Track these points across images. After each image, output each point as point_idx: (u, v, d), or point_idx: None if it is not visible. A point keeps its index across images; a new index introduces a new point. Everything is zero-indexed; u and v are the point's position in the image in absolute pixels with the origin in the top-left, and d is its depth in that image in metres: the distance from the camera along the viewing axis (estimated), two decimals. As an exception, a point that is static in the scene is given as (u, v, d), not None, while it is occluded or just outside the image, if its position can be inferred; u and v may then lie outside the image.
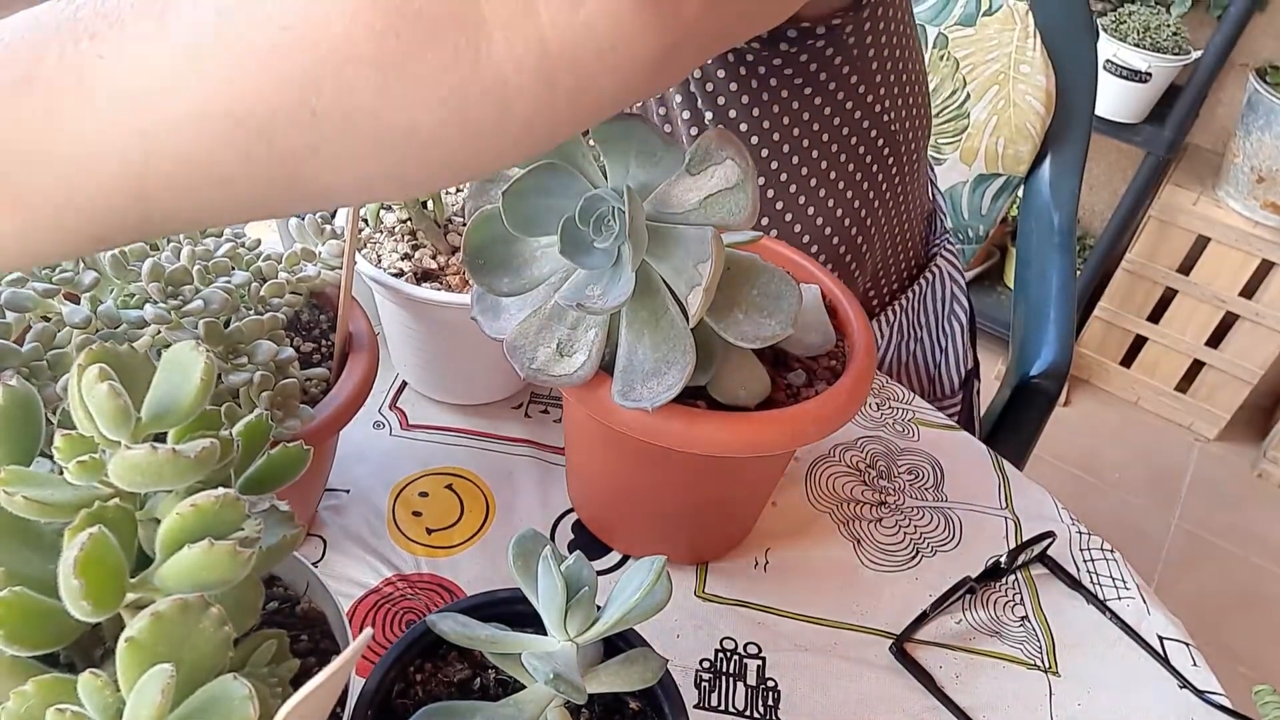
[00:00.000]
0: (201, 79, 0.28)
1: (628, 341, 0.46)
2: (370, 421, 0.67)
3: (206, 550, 0.27)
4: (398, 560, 0.58)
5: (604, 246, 0.44)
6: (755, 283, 0.47)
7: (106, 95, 0.29)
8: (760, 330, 0.46)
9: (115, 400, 0.29)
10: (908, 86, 0.79)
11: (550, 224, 0.44)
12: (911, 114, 0.80)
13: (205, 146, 0.29)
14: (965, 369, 0.98)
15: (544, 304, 0.48)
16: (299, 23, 0.27)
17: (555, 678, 0.35)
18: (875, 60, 0.73)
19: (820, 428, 0.49)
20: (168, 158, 0.29)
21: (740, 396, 0.49)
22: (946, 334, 0.96)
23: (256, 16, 0.27)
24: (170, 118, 0.29)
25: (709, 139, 0.44)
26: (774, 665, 0.56)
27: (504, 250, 0.48)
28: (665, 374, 0.45)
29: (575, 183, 0.45)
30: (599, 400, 0.47)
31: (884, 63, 0.74)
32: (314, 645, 0.39)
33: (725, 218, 0.44)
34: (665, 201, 0.45)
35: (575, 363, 0.47)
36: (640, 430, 0.47)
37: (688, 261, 0.44)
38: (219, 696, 0.27)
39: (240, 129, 0.29)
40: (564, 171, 0.45)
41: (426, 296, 0.58)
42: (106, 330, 0.44)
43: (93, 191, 0.30)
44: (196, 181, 0.30)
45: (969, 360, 0.99)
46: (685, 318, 0.44)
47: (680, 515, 0.58)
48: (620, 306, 0.44)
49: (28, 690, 0.27)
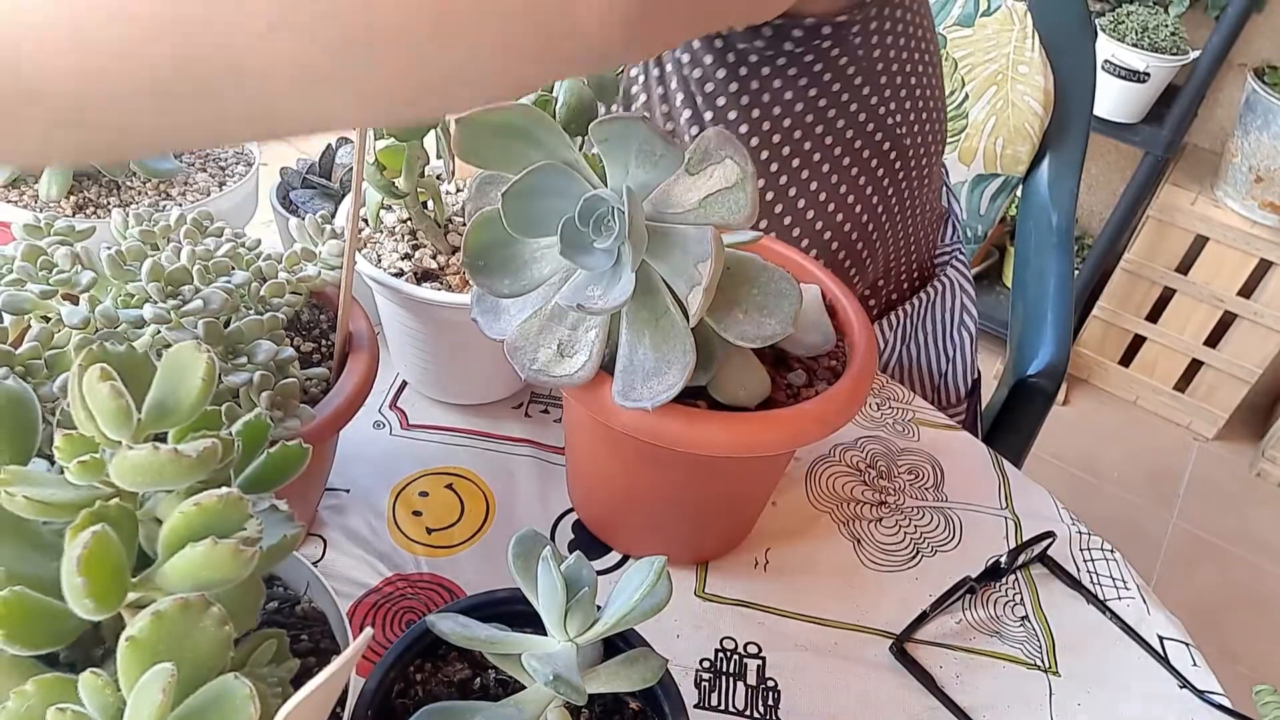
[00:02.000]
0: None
1: (628, 341, 0.46)
2: (370, 421, 0.67)
3: (209, 549, 0.27)
4: (398, 560, 0.58)
5: (604, 247, 0.44)
6: (755, 282, 0.47)
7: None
8: (761, 330, 0.46)
9: (116, 400, 0.29)
10: (920, 94, 0.77)
11: (550, 225, 0.44)
12: (923, 122, 0.79)
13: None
14: (971, 379, 0.98)
15: (544, 305, 0.48)
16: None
17: (555, 678, 0.35)
18: (882, 63, 0.72)
19: (821, 428, 0.49)
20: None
21: (740, 396, 0.49)
22: (955, 344, 0.95)
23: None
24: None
25: (708, 139, 0.44)
26: (774, 665, 0.56)
27: (504, 252, 0.48)
28: (665, 374, 0.45)
29: (574, 184, 0.45)
30: (599, 400, 0.47)
31: (891, 66, 0.73)
32: (314, 645, 0.39)
33: (725, 217, 0.44)
34: (665, 201, 0.45)
35: (576, 363, 0.47)
36: (640, 430, 0.47)
37: (687, 261, 0.44)
38: (220, 696, 0.27)
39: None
40: (563, 172, 0.44)
41: (426, 296, 0.58)
42: (105, 330, 0.44)
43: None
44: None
45: (975, 370, 0.99)
46: (685, 317, 0.44)
47: (680, 515, 0.58)
48: (620, 307, 0.44)
49: (28, 690, 0.27)
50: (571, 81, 0.61)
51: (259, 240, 0.54)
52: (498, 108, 0.45)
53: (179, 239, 0.50)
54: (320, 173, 0.77)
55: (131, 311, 0.45)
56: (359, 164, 0.48)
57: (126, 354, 0.31)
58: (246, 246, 0.52)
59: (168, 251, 0.48)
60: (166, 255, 0.47)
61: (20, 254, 0.46)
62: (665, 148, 0.43)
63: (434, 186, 0.63)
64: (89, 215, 0.63)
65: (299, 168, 0.76)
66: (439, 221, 0.63)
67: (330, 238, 0.57)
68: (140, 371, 0.31)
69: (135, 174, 0.65)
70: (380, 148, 0.59)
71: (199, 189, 0.67)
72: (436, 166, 0.68)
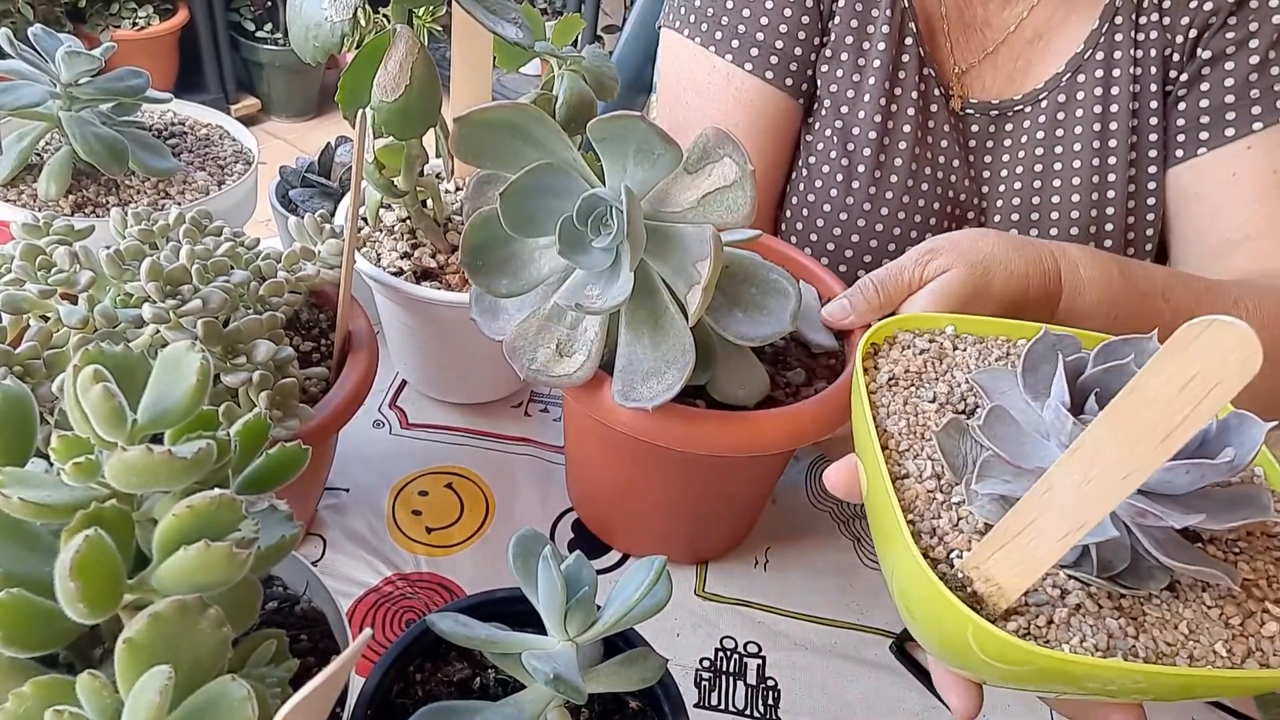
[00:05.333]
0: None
1: (627, 341, 0.46)
2: (370, 420, 0.67)
3: (203, 551, 0.27)
4: (398, 559, 0.58)
5: (602, 246, 0.44)
6: (755, 281, 0.47)
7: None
8: (760, 329, 0.46)
9: (110, 401, 0.28)
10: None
11: (548, 224, 0.44)
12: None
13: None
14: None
15: (543, 304, 0.48)
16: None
17: (555, 678, 0.35)
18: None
19: (819, 426, 0.49)
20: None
21: (739, 395, 0.49)
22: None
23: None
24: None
25: (707, 137, 0.44)
26: (774, 664, 0.56)
27: (503, 251, 0.48)
28: (665, 373, 0.45)
29: (573, 183, 0.45)
30: (598, 400, 0.47)
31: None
32: (314, 645, 0.39)
33: (724, 215, 0.43)
34: (664, 200, 0.45)
35: (575, 363, 0.47)
36: (639, 430, 0.47)
37: (687, 260, 0.43)
38: (218, 697, 0.27)
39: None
40: (561, 171, 0.44)
41: (426, 295, 0.58)
42: (104, 330, 0.44)
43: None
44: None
45: None
46: (685, 317, 0.44)
47: (679, 515, 0.58)
48: (618, 306, 0.44)
49: (26, 692, 0.27)
50: (572, 79, 0.61)
51: (258, 239, 0.53)
52: (495, 105, 0.44)
53: (178, 238, 0.50)
54: (319, 171, 0.77)
55: (130, 311, 0.45)
56: (358, 163, 0.48)
57: (123, 354, 0.31)
58: (245, 245, 0.52)
59: (166, 251, 0.48)
60: (165, 254, 0.47)
61: (19, 253, 0.46)
62: (664, 146, 0.43)
63: (433, 185, 0.63)
64: (88, 214, 0.63)
65: (298, 166, 0.76)
66: (438, 220, 0.63)
67: (329, 236, 0.57)
68: (136, 372, 0.31)
69: (134, 173, 0.65)
70: (379, 146, 0.59)
71: (198, 188, 0.67)
72: (436, 165, 0.68)
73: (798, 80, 0.73)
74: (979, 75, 0.73)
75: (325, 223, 0.58)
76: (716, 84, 0.74)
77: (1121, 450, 0.28)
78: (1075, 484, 0.29)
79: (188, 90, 2.30)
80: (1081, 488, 0.29)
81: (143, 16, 2.25)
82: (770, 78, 0.72)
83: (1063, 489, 0.30)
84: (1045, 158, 0.72)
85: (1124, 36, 0.70)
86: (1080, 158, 0.70)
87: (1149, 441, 0.27)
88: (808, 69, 0.73)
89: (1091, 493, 0.29)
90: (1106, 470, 0.28)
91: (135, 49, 2.19)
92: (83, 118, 0.62)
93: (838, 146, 0.73)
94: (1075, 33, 0.71)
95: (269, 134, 2.49)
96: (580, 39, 1.30)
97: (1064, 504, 0.30)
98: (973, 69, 0.73)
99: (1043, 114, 0.72)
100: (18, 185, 0.64)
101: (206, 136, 0.73)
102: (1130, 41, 0.69)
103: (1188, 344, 0.26)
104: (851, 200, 0.73)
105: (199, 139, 0.72)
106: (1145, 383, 0.27)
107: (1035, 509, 0.31)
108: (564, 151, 0.45)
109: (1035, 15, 0.72)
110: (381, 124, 0.53)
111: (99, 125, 0.63)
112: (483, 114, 0.44)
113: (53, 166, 0.63)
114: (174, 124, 0.73)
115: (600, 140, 0.44)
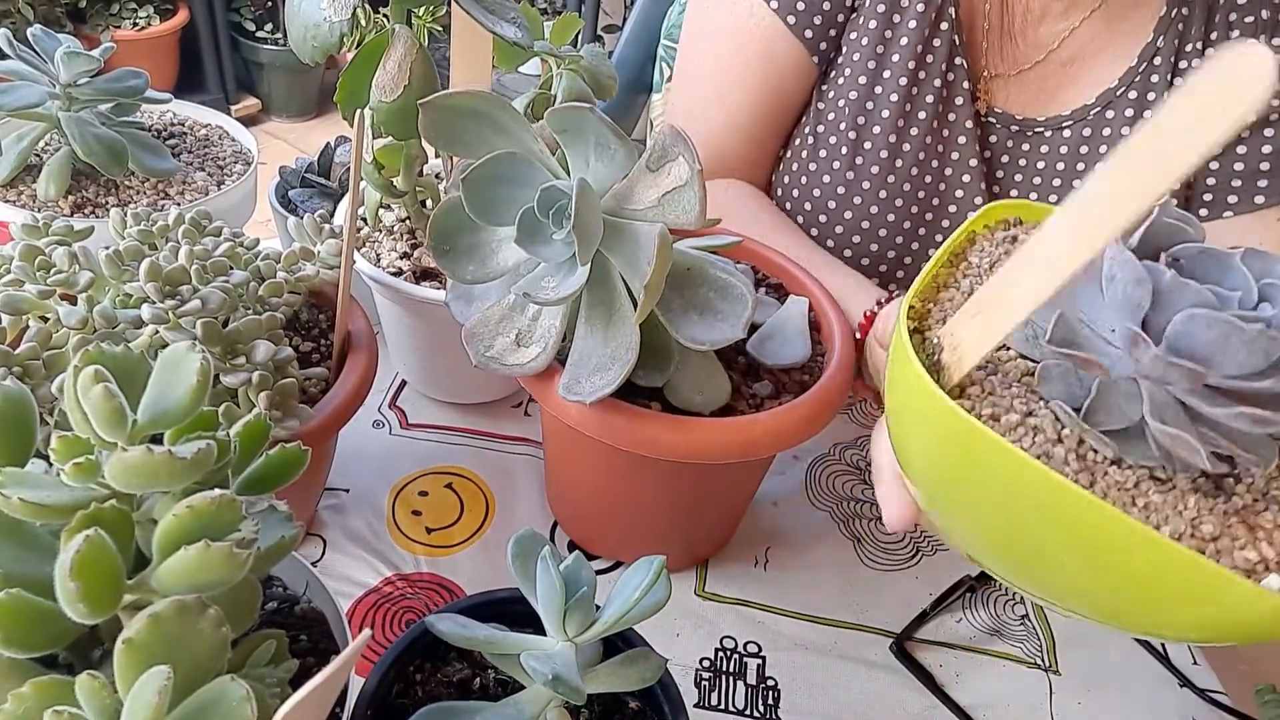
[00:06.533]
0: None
1: (581, 335, 0.46)
2: (370, 421, 0.67)
3: (203, 552, 0.27)
4: (397, 560, 0.58)
5: (561, 238, 0.43)
6: (712, 285, 0.46)
7: None
8: (711, 333, 0.45)
9: (110, 402, 0.28)
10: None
11: (510, 214, 0.44)
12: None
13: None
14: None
15: (507, 293, 0.48)
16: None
17: (554, 678, 0.35)
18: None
19: (774, 440, 0.48)
20: None
21: (695, 401, 0.48)
22: None
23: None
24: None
25: (664, 135, 0.43)
26: (774, 664, 0.56)
27: (469, 238, 0.48)
28: (609, 369, 0.45)
29: (536, 173, 0.44)
30: (548, 393, 0.47)
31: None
32: (314, 645, 0.39)
33: (678, 216, 0.43)
34: (627, 197, 0.45)
35: (531, 353, 0.46)
36: (588, 427, 0.46)
37: (641, 258, 0.43)
38: (217, 698, 0.27)
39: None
40: (525, 161, 0.44)
41: (426, 295, 0.58)
42: (104, 330, 0.44)
43: None
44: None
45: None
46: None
47: (654, 520, 0.57)
48: (569, 299, 0.43)
49: (25, 692, 0.27)
50: (570, 78, 0.61)
51: (257, 239, 0.53)
52: (458, 92, 0.44)
53: (177, 238, 0.50)
54: (319, 172, 0.76)
55: (130, 311, 0.45)
56: (357, 163, 0.48)
57: (123, 355, 0.31)
58: (245, 246, 0.52)
59: (166, 251, 0.48)
60: (164, 255, 0.47)
61: (18, 254, 0.46)
62: (617, 142, 0.42)
63: (432, 185, 0.63)
64: (87, 215, 0.63)
65: (298, 166, 0.76)
66: (438, 220, 0.63)
67: (329, 237, 0.57)
68: (136, 372, 0.31)
69: (133, 173, 0.65)
70: (378, 146, 0.59)
71: (197, 188, 0.67)
72: (435, 165, 0.68)
73: (818, 38, 0.71)
74: (1005, 86, 0.72)
75: (324, 223, 0.58)
76: (738, 19, 0.72)
77: (1118, 186, 0.26)
78: (1066, 229, 0.28)
79: (188, 90, 2.30)
80: (1074, 232, 0.28)
81: (143, 17, 2.25)
82: (792, 23, 0.71)
83: (1054, 237, 0.28)
84: (1061, 189, 0.70)
85: (1160, 79, 0.67)
86: None
87: (1151, 172, 0.25)
88: (831, 29, 0.71)
89: (1083, 235, 0.27)
90: (1100, 210, 0.27)
91: (135, 49, 2.19)
92: (82, 118, 0.62)
93: (849, 119, 0.71)
94: (1111, 67, 0.69)
95: (269, 134, 2.49)
96: (579, 38, 1.30)
97: (1053, 251, 0.28)
98: (1001, 78, 0.72)
99: (1064, 144, 0.70)
100: (17, 186, 0.64)
101: (206, 137, 0.73)
102: (1165, 86, 0.67)
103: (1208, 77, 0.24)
104: (853, 175, 0.71)
105: (198, 139, 0.72)
106: (1159, 121, 0.25)
107: (1020, 265, 0.29)
108: (530, 142, 0.45)
109: (1076, 38, 0.70)
110: (380, 124, 0.53)
111: (98, 126, 0.63)
112: (446, 99, 0.44)
113: (52, 167, 0.63)
114: (173, 124, 0.73)
115: (561, 132, 0.43)
